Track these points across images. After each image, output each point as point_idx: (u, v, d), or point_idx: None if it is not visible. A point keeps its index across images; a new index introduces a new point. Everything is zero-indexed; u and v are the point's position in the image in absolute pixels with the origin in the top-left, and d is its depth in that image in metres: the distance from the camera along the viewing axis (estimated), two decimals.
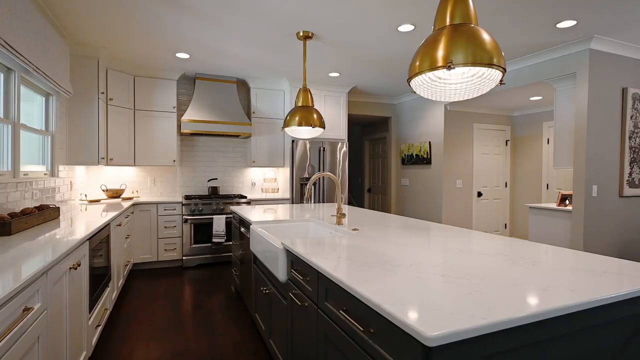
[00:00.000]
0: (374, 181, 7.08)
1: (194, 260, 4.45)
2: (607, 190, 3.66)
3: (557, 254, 1.53)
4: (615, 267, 1.32)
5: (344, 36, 3.40)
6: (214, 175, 5.13)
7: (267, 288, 2.18)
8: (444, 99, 1.60)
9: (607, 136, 3.63)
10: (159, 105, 4.53)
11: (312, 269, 1.47)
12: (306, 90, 3.29)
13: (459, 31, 1.44)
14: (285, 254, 1.79)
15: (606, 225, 3.66)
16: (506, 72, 4.22)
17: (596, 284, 1.13)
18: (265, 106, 5.04)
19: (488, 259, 1.45)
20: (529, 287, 1.10)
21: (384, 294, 1.04)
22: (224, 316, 2.96)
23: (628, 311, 1.11)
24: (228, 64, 4.28)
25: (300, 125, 3.15)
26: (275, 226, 2.61)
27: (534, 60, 3.91)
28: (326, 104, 5.14)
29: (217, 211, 4.51)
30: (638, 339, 1.15)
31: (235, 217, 3.31)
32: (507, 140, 6.18)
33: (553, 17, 2.97)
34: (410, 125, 5.95)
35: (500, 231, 6.14)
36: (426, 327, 0.82)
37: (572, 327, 1.00)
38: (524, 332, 0.92)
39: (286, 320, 1.82)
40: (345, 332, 1.19)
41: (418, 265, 1.35)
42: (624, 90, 3.71)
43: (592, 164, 3.55)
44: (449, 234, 2.00)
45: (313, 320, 1.46)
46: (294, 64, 4.28)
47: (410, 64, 1.54)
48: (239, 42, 3.57)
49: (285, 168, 5.12)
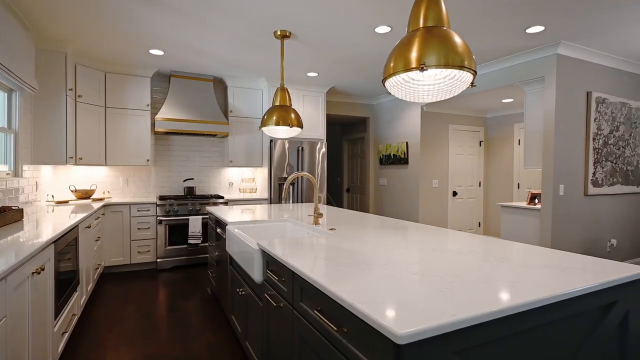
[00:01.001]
0: (352, 181, 7.13)
1: (168, 263, 4.34)
2: (573, 190, 3.83)
3: (525, 251, 1.59)
4: (579, 263, 1.38)
5: (322, 36, 3.40)
6: (190, 175, 5.02)
7: (243, 289, 2.15)
8: (417, 99, 1.62)
9: (573, 138, 3.80)
10: (132, 103, 4.39)
11: (287, 269, 1.46)
12: (284, 89, 3.27)
13: (432, 34, 1.47)
14: (261, 254, 1.77)
15: (572, 223, 3.83)
16: (479, 75, 4.36)
17: (561, 280, 1.18)
18: (242, 105, 4.98)
19: (460, 257, 1.48)
20: (498, 283, 1.13)
21: (358, 293, 1.04)
22: (199, 319, 2.90)
23: (590, 305, 1.16)
24: (204, 61, 4.20)
25: (278, 125, 3.13)
26: (252, 227, 2.58)
27: (506, 64, 4.04)
28: (305, 104, 5.13)
29: (193, 212, 4.42)
30: (599, 331, 1.20)
31: (212, 217, 3.25)
32: (481, 141, 6.36)
33: (523, 22, 3.08)
34: (388, 126, 6.03)
35: (474, 229, 6.32)
36: (397, 325, 0.82)
37: (538, 321, 1.04)
38: (492, 327, 0.94)
39: (262, 322, 1.80)
40: (320, 333, 1.19)
41: (392, 264, 1.36)
42: (588, 94, 3.89)
43: (559, 164, 3.70)
44: (424, 233, 2.03)
45: (288, 321, 1.45)
46: (272, 63, 4.25)
47: (385, 65, 1.56)
48: (215, 40, 3.51)
49: (263, 168, 5.07)
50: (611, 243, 4.18)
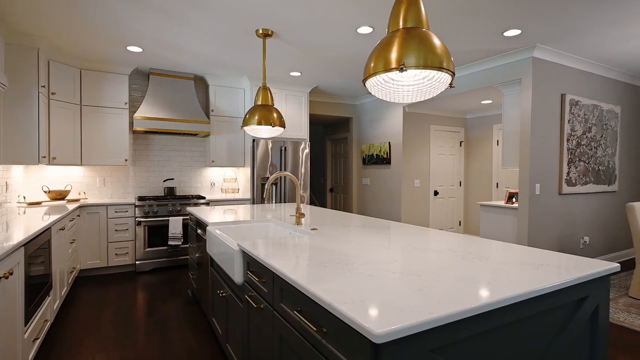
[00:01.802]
0: (336, 181, 7.14)
1: (148, 265, 4.24)
2: (548, 189, 3.95)
3: (502, 249, 1.62)
4: (553, 260, 1.42)
5: (304, 36, 3.39)
6: (170, 175, 4.92)
7: (223, 291, 2.12)
8: (398, 100, 1.63)
9: (548, 138, 3.92)
10: (109, 101, 4.27)
11: (267, 270, 1.45)
12: (266, 88, 3.24)
13: (411, 35, 1.48)
14: (242, 255, 1.75)
15: (548, 221, 3.96)
16: (459, 77, 4.45)
17: (535, 276, 1.21)
18: (224, 104, 4.92)
19: (439, 255, 1.50)
20: (475, 281, 1.15)
21: (337, 293, 1.04)
22: (179, 322, 2.84)
23: (563, 300, 1.20)
24: (185, 59, 4.12)
25: (260, 124, 3.10)
26: (233, 227, 2.55)
27: (484, 66, 4.13)
28: (288, 104, 5.10)
29: (173, 213, 4.33)
30: (571, 325, 1.24)
31: (192, 218, 3.19)
32: (462, 141, 6.49)
33: (500, 25, 3.15)
34: (371, 126, 6.07)
35: (455, 228, 6.44)
36: (374, 325, 0.82)
37: (514, 317, 1.06)
38: (468, 324, 0.96)
39: (243, 323, 1.78)
40: (300, 333, 1.18)
41: (373, 263, 1.37)
42: (562, 96, 4.02)
43: (535, 164, 3.81)
44: (405, 232, 2.05)
45: (269, 322, 1.44)
46: (255, 62, 4.21)
47: (366, 65, 1.56)
48: (195, 38, 3.45)
49: (246, 168, 5.02)
50: (584, 240, 4.34)
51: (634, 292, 3.39)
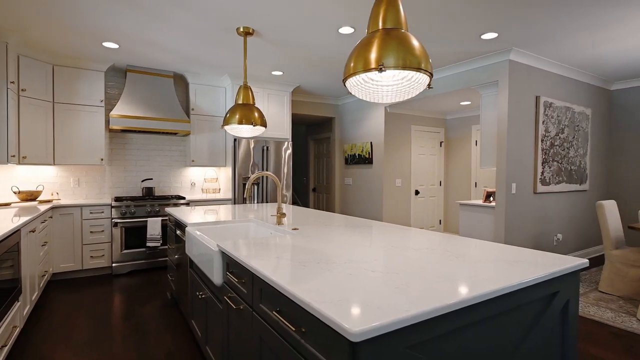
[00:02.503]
0: (318, 181, 7.15)
1: (125, 267, 4.12)
2: (524, 188, 4.07)
3: (479, 246, 1.66)
4: (527, 257, 1.46)
5: (286, 35, 3.37)
6: (149, 175, 4.80)
7: (203, 292, 2.08)
8: (377, 100, 1.65)
9: (523, 139, 4.04)
10: (84, 98, 4.13)
11: (247, 270, 1.43)
12: (247, 87, 3.21)
13: (391, 35, 1.49)
14: (221, 256, 1.72)
15: (523, 219, 4.08)
16: (439, 78, 4.52)
17: (510, 273, 1.24)
18: (205, 103, 4.84)
19: (419, 254, 1.52)
20: (452, 278, 1.18)
21: (316, 292, 1.04)
22: (158, 325, 2.78)
23: (535, 295, 1.23)
24: (163, 57, 4.03)
25: (241, 124, 3.07)
26: (214, 228, 2.51)
27: (463, 68, 4.22)
28: (270, 103, 5.07)
29: (152, 213, 4.23)
30: (544, 318, 1.28)
31: (171, 219, 3.13)
32: (442, 141, 6.61)
33: (478, 29, 3.23)
34: (353, 126, 6.11)
35: (435, 227, 6.55)
36: (351, 323, 0.83)
37: (489, 312, 1.09)
38: (445, 320, 0.97)
39: (222, 325, 1.75)
40: (279, 334, 1.17)
41: (353, 262, 1.38)
42: (537, 98, 4.15)
43: (511, 164, 3.92)
44: (386, 232, 2.07)
45: (248, 323, 1.43)
46: (236, 61, 4.16)
47: (346, 64, 1.57)
48: (175, 35, 3.38)
49: (227, 168, 4.96)
50: (557, 237, 4.50)
51: (603, 286, 3.54)
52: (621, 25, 3.14)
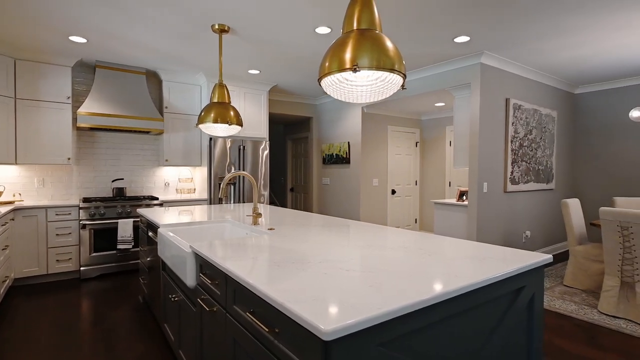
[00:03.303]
0: (296, 180, 7.13)
1: (94, 271, 3.96)
2: (494, 187, 4.21)
3: (451, 244, 1.70)
4: (496, 254, 1.51)
5: (262, 33, 3.34)
6: (119, 175, 4.64)
7: (176, 295, 2.03)
8: (352, 100, 1.66)
9: (494, 140, 4.18)
10: (50, 94, 3.94)
11: (220, 271, 1.41)
12: (222, 85, 3.16)
13: (365, 36, 1.51)
14: (194, 257, 1.68)
15: (494, 217, 4.22)
16: (414, 80, 4.61)
17: (479, 269, 1.28)
18: (179, 101, 4.72)
19: (393, 252, 1.54)
20: (424, 275, 1.20)
21: (289, 292, 1.03)
22: (129, 330, 2.69)
23: (503, 290, 1.28)
24: (135, 53, 3.90)
25: (216, 122, 3.02)
26: (188, 229, 2.45)
27: (437, 70, 4.32)
28: (246, 102, 5.01)
29: (123, 215, 4.09)
30: (511, 313, 1.33)
31: (143, 220, 3.04)
32: (417, 142, 6.74)
33: (451, 32, 3.31)
34: (331, 126, 6.13)
35: (411, 226, 6.68)
36: (323, 322, 0.83)
37: (459, 308, 1.11)
38: (416, 317, 0.99)
39: (195, 328, 1.72)
40: (253, 335, 1.16)
41: (328, 261, 1.38)
42: (507, 101, 4.31)
43: (483, 164, 4.05)
44: (362, 231, 2.09)
45: (222, 325, 1.40)
46: (211, 58, 4.09)
47: (321, 64, 1.57)
48: (147, 31, 3.28)
49: (202, 167, 4.86)
50: (526, 234, 4.68)
51: (568, 280, 3.71)
52: (583, 33, 3.30)
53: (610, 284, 2.99)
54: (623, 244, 2.88)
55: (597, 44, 3.60)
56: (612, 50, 3.79)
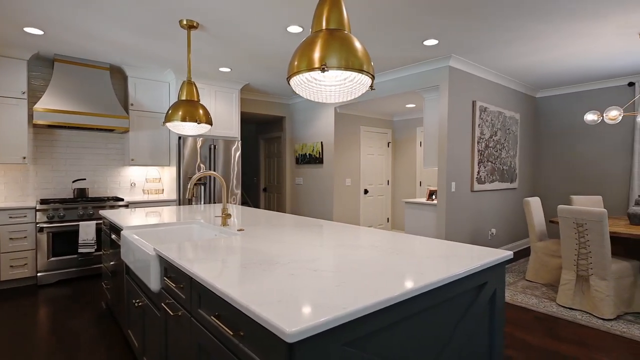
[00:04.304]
0: (269, 180, 7.07)
1: (53, 276, 3.75)
2: (462, 186, 4.35)
3: (420, 243, 1.74)
4: (461, 252, 1.56)
5: (233, 30, 3.28)
6: (81, 175, 4.41)
7: (140, 300, 1.95)
8: (322, 99, 1.66)
9: (462, 141, 4.32)
10: (3, 89, 3.68)
11: (185, 275, 1.36)
12: (191, 83, 3.07)
13: (334, 36, 1.51)
14: (158, 260, 1.62)
15: (462, 216, 4.36)
16: (385, 81, 4.68)
17: (444, 267, 1.31)
18: (146, 98, 4.55)
19: (362, 251, 1.55)
20: (390, 274, 1.21)
21: (255, 294, 1.01)
22: (91, 338, 2.56)
23: (466, 287, 1.31)
24: (97, 47, 3.72)
25: (184, 121, 2.93)
26: (153, 231, 2.36)
27: (407, 72, 4.41)
28: (217, 100, 4.90)
29: (84, 217, 3.89)
30: (473, 308, 1.37)
31: (106, 222, 2.90)
32: (389, 142, 6.86)
33: (420, 35, 3.39)
34: (304, 126, 6.12)
35: (383, 225, 6.78)
36: (287, 324, 0.82)
37: (423, 305, 1.13)
38: (380, 316, 1.00)
39: (160, 333, 1.65)
40: (218, 339, 1.13)
41: (296, 262, 1.37)
42: (473, 103, 4.46)
43: (451, 164, 4.18)
44: (333, 231, 2.09)
45: (187, 330, 1.36)
46: (180, 55, 3.97)
47: (289, 63, 1.56)
48: (110, 24, 3.13)
49: (171, 167, 4.71)
50: (492, 232, 4.87)
51: (529, 275, 3.90)
52: (544, 40, 3.47)
53: (567, 277, 3.16)
54: (578, 239, 3.06)
55: (557, 51, 3.80)
56: (570, 57, 4.01)
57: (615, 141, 5.01)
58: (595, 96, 5.16)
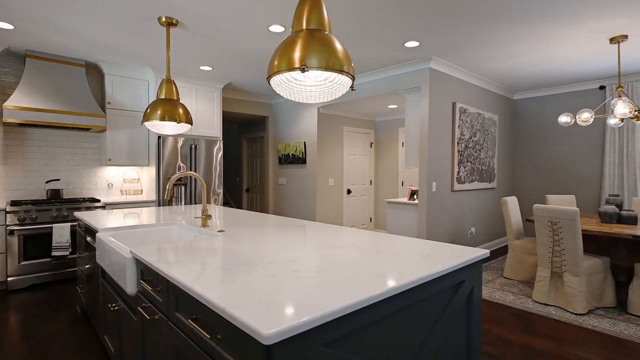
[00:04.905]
0: (252, 181, 7.01)
1: (24, 281, 3.60)
2: (442, 186, 4.43)
3: (400, 242, 1.76)
4: (440, 251, 1.58)
5: (213, 29, 3.23)
6: (55, 175, 4.25)
7: (116, 304, 1.90)
8: (302, 99, 1.65)
9: (442, 141, 4.40)
10: None
11: (162, 277, 1.33)
12: (170, 81, 3.01)
13: (314, 36, 1.51)
14: (135, 263, 1.58)
15: (442, 215, 4.44)
16: (367, 82, 4.71)
17: (423, 266, 1.32)
18: (124, 97, 4.43)
19: (343, 251, 1.56)
20: (370, 274, 1.22)
21: (233, 296, 1.00)
22: (64, 343, 2.47)
23: (444, 285, 1.34)
24: (72, 43, 3.60)
25: (163, 120, 2.87)
26: (131, 233, 2.30)
27: (389, 73, 4.46)
28: (198, 99, 4.83)
29: (58, 219, 3.75)
30: (451, 306, 1.39)
31: (81, 224, 2.81)
32: (372, 142, 6.91)
33: (402, 37, 3.43)
34: (287, 126, 6.10)
35: (366, 225, 6.83)
36: (264, 326, 0.81)
37: (402, 304, 1.15)
38: (359, 316, 1.00)
39: (137, 338, 1.61)
40: (195, 342, 1.11)
41: (276, 263, 1.36)
42: (454, 104, 4.55)
43: (432, 165, 4.24)
44: (315, 231, 2.09)
45: (164, 334, 1.33)
46: (159, 53, 3.88)
47: (270, 62, 1.55)
48: (85, 19, 3.03)
49: (150, 167, 4.61)
50: (471, 231, 4.98)
51: (507, 273, 4.00)
52: (521, 43, 3.57)
53: (542, 274, 3.26)
54: (553, 237, 3.16)
55: (533, 55, 3.92)
56: (545, 61, 4.14)
57: (587, 142, 5.21)
58: (569, 99, 5.35)
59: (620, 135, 4.83)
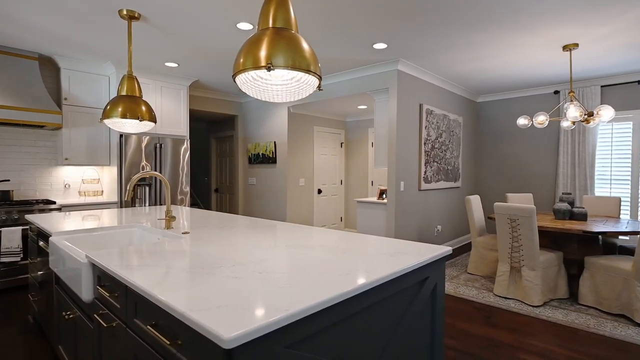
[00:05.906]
0: (221, 181, 6.86)
1: None
2: (410, 186, 4.54)
3: (368, 241, 1.78)
4: (405, 249, 1.62)
5: (178, 24, 3.13)
6: (4, 175, 3.96)
7: (71, 312, 1.79)
8: (269, 98, 1.63)
9: (410, 142, 4.50)
10: None
11: (120, 282, 1.27)
12: (132, 77, 2.88)
13: (281, 35, 1.49)
14: (91, 268, 1.50)
15: (410, 214, 4.55)
16: (337, 82, 4.74)
17: (387, 265, 1.35)
18: (83, 93, 4.20)
19: (310, 251, 1.55)
20: (335, 274, 1.22)
21: (194, 300, 0.97)
22: (16, 356, 2.30)
23: (408, 282, 1.37)
24: (23, 34, 3.37)
25: (125, 118, 2.74)
26: (88, 236, 2.18)
27: (359, 74, 4.51)
28: (164, 96, 4.66)
29: (7, 222, 3.50)
30: (416, 302, 1.43)
31: (33, 228, 2.63)
32: (342, 142, 6.97)
33: (370, 39, 3.48)
34: (257, 125, 6.02)
35: (337, 224, 6.88)
36: (225, 329, 0.79)
37: (367, 303, 1.16)
38: (323, 316, 1.00)
39: (93, 347, 1.53)
40: (155, 349, 1.06)
41: (241, 264, 1.33)
42: (420, 106, 4.67)
43: (400, 164, 4.34)
44: (284, 231, 2.08)
45: (122, 342, 1.27)
46: (120, 47, 3.71)
47: (235, 60, 1.52)
48: (36, 9, 2.84)
49: (112, 167, 4.39)
50: (437, 228, 5.14)
51: (471, 269, 4.16)
52: (482, 48, 3.73)
53: (503, 269, 3.42)
54: (512, 234, 3.32)
55: (493, 59, 4.10)
56: (505, 66, 4.34)
57: (544, 144, 5.52)
58: (527, 102, 5.65)
59: (573, 137, 5.16)
